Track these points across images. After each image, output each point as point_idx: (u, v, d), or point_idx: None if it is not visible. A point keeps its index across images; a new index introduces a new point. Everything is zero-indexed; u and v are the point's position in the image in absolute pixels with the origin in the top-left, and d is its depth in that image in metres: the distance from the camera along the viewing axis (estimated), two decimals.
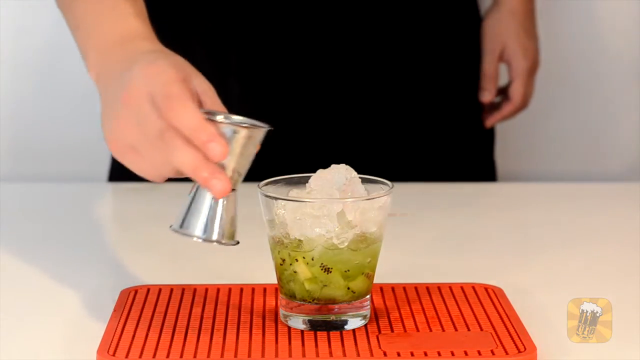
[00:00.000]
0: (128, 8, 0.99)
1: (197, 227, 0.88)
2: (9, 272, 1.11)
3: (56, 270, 1.11)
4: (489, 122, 1.60)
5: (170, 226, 0.89)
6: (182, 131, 0.86)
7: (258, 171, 1.21)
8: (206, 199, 0.88)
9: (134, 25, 0.98)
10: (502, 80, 1.62)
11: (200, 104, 0.88)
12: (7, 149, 1.87)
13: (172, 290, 1.00)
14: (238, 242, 0.89)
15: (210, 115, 0.87)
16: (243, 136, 0.87)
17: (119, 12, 0.99)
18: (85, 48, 0.99)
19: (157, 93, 0.87)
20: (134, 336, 0.90)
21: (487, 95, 1.58)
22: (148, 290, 1.00)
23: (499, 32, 1.58)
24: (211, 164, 0.86)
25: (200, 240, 0.88)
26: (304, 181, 0.93)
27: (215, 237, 0.88)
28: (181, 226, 0.89)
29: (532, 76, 1.60)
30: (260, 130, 0.88)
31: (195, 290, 1.00)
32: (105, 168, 1.65)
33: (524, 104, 1.60)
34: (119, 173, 1.55)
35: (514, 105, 1.59)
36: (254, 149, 0.89)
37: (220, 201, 0.88)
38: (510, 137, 1.90)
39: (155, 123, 0.87)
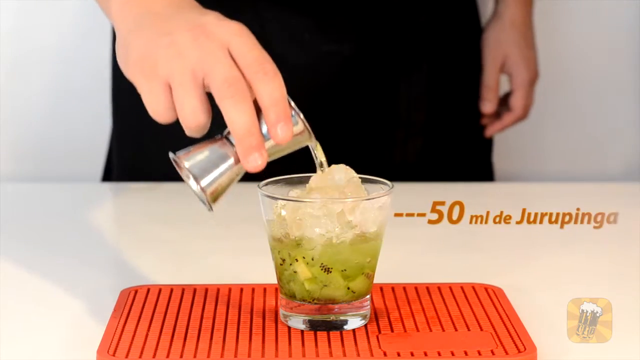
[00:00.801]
0: None
1: (197, 165, 0.87)
2: (9, 272, 1.11)
3: (56, 270, 1.11)
4: (489, 131, 1.61)
5: (174, 152, 0.88)
6: (261, 96, 0.85)
7: None
8: (223, 152, 0.87)
9: None
10: (501, 90, 1.63)
11: None
12: (8, 149, 1.87)
13: (172, 290, 1.00)
14: (212, 210, 0.88)
15: None
16: (299, 130, 0.87)
17: None
18: None
19: (244, 49, 0.86)
20: (134, 336, 0.90)
21: (489, 106, 1.59)
22: (148, 290, 1.00)
23: (501, 43, 1.58)
24: (261, 136, 0.85)
25: (189, 177, 0.86)
26: (304, 181, 0.93)
27: (204, 184, 0.86)
28: (184, 156, 0.87)
29: (532, 87, 1.61)
30: (310, 137, 0.88)
31: (195, 290, 1.00)
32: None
33: (524, 115, 1.62)
34: (120, 172, 1.55)
35: (514, 116, 1.61)
36: (291, 148, 0.88)
37: (232, 163, 0.87)
38: (509, 137, 1.89)
39: (228, 70, 0.85)
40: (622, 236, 1.25)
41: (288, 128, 0.85)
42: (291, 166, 0.98)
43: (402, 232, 1.22)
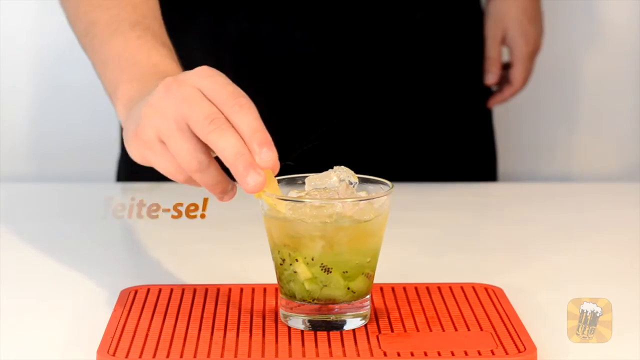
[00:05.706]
0: (161, 48, 1.01)
1: None
2: (10, 272, 1.11)
3: (56, 270, 1.11)
4: (490, 103, 1.63)
5: None
6: (240, 127, 0.86)
7: None
8: None
9: (168, 62, 1.00)
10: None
11: None
12: (8, 149, 1.87)
13: (172, 290, 1.00)
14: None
15: None
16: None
17: (151, 46, 1.01)
18: (116, 82, 0.99)
19: (217, 87, 0.87)
20: (134, 336, 0.90)
21: (491, 78, 1.61)
22: (148, 290, 1.00)
23: (501, 17, 1.61)
24: (252, 157, 0.85)
25: None
26: (304, 181, 0.93)
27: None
28: None
29: (532, 60, 1.63)
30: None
31: (195, 290, 1.00)
32: (106, 168, 1.65)
33: (522, 87, 1.63)
34: (132, 172, 1.55)
35: (514, 89, 1.63)
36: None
37: None
38: (510, 137, 1.90)
39: (206, 108, 0.86)
40: (622, 236, 1.25)
41: (273, 152, 0.86)
42: (292, 166, 0.97)
43: (402, 232, 1.23)
